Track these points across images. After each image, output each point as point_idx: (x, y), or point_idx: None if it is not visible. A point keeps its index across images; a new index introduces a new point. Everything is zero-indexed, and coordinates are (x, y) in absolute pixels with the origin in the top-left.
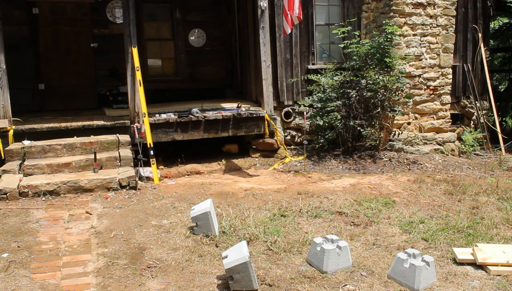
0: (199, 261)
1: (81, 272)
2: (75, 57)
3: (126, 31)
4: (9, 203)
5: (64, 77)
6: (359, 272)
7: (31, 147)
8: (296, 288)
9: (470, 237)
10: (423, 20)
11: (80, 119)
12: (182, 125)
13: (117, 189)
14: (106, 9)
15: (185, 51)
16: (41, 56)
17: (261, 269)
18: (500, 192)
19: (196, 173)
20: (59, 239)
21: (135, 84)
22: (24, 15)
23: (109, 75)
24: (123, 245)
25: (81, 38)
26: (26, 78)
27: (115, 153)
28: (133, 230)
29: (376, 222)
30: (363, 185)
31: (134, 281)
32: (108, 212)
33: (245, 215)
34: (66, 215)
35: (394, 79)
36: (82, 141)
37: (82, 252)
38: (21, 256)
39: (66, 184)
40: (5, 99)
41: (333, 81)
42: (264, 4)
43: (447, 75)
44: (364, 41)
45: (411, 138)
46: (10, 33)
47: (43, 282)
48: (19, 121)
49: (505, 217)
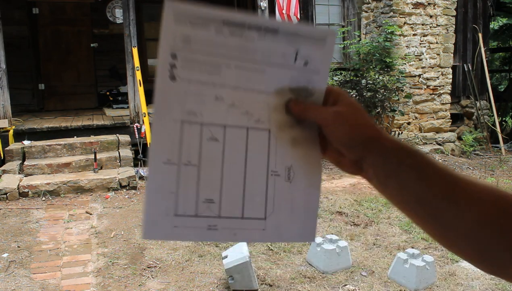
0: (199, 261)
1: (81, 272)
2: (75, 57)
3: (126, 31)
4: (9, 203)
5: (64, 77)
6: (359, 272)
7: (31, 147)
8: (296, 288)
9: None
10: (423, 20)
11: (80, 119)
12: None
13: (117, 189)
14: (106, 9)
15: None
16: (41, 56)
17: (261, 269)
18: None
19: None
20: (59, 239)
21: (135, 84)
22: (24, 15)
23: (109, 75)
24: (123, 245)
25: (81, 38)
26: (26, 78)
27: (115, 153)
28: (133, 230)
29: (376, 222)
30: (363, 185)
31: (134, 281)
32: (108, 212)
33: None
34: (66, 215)
35: (394, 79)
36: (82, 141)
37: (82, 252)
38: (21, 256)
39: (66, 184)
40: (5, 99)
41: (333, 81)
42: (264, 4)
43: (447, 75)
44: (364, 41)
45: (411, 138)
46: (10, 33)
47: (43, 282)
48: (19, 121)
49: None
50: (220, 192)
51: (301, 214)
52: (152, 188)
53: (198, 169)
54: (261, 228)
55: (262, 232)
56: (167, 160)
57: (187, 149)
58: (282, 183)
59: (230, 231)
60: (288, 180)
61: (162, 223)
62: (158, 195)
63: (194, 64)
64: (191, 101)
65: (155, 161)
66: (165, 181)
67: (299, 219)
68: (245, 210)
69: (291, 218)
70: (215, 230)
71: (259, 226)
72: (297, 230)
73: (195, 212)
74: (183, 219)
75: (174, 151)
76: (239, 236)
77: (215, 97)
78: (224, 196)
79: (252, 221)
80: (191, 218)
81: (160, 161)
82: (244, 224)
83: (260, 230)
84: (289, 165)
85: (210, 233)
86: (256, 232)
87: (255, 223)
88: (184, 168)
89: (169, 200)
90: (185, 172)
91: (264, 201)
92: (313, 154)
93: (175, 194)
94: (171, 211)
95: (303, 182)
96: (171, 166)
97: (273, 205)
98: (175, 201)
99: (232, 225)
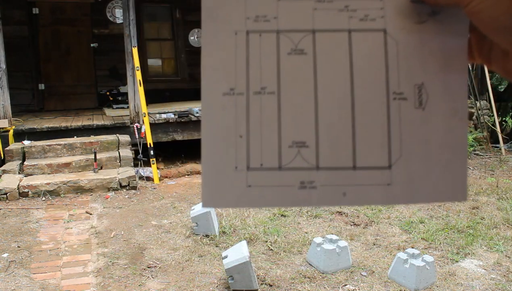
0: (199, 261)
1: (81, 272)
2: (75, 57)
3: (126, 31)
4: (9, 203)
5: (64, 77)
6: (359, 272)
7: (31, 147)
8: (296, 288)
9: (470, 237)
10: None
11: (80, 119)
12: (182, 125)
13: (117, 189)
14: (106, 9)
15: (185, 51)
16: (41, 56)
17: (261, 269)
18: (500, 192)
19: (196, 173)
20: (59, 239)
21: (135, 84)
22: (24, 15)
23: (109, 75)
24: (123, 245)
25: (81, 38)
26: (26, 78)
27: (115, 153)
28: (133, 230)
29: (376, 222)
30: None
31: (134, 281)
32: (108, 212)
33: (245, 214)
34: (66, 215)
35: None
36: (82, 141)
37: (82, 252)
38: (21, 256)
39: (66, 184)
40: (5, 99)
41: None
42: None
43: None
44: None
45: None
46: (10, 33)
47: (43, 282)
48: (19, 121)
49: (505, 217)
50: (315, 130)
51: (443, 158)
52: (211, 132)
53: (278, 97)
54: (385, 183)
55: (386, 188)
56: (229, 89)
57: (258, 71)
58: (411, 111)
59: (336, 189)
60: (420, 106)
61: (229, 182)
62: (220, 142)
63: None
64: (258, 0)
65: (211, 93)
66: (229, 119)
67: (440, 165)
68: (358, 155)
69: (428, 164)
70: (313, 188)
71: (381, 179)
72: (439, 183)
73: (279, 162)
74: (260, 174)
75: (239, 75)
76: (352, 197)
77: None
78: (322, 135)
79: (369, 172)
80: (273, 172)
81: (218, 92)
82: (357, 177)
83: (383, 185)
84: (419, 82)
85: (305, 194)
86: (377, 189)
87: (374, 174)
88: (256, 98)
89: (237, 147)
90: (259, 103)
91: (386, 140)
92: (456, 64)
93: (246, 138)
94: (242, 164)
95: (442, 108)
96: (237, 97)
97: (399, 145)
98: (246, 149)
99: (339, 180)
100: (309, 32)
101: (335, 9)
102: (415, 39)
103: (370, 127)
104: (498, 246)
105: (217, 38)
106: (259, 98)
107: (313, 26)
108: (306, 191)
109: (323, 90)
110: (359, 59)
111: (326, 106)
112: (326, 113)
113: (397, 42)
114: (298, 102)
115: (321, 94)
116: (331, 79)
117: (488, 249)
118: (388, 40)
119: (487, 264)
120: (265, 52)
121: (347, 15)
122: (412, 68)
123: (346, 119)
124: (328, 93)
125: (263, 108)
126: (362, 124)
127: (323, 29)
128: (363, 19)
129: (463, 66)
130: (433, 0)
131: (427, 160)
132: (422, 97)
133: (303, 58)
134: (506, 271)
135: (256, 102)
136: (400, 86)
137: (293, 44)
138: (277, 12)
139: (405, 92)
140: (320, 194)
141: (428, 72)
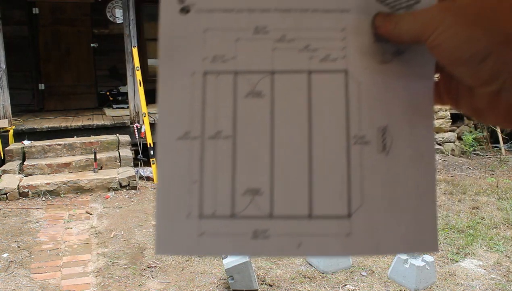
0: (199, 261)
1: (81, 272)
2: (75, 57)
3: (126, 31)
4: (9, 203)
5: (64, 77)
6: (359, 272)
7: (31, 147)
8: (296, 288)
9: (470, 237)
10: None
11: (80, 119)
12: None
13: (117, 189)
14: (106, 9)
15: None
16: (41, 56)
17: (261, 269)
18: (500, 192)
19: None
20: (59, 239)
21: (135, 84)
22: (24, 15)
23: (109, 75)
24: (123, 245)
25: (81, 38)
26: (26, 78)
27: (115, 153)
28: (133, 230)
29: None
30: None
31: (134, 281)
32: (108, 212)
33: None
34: (66, 215)
35: None
36: (82, 141)
37: (82, 252)
38: (21, 256)
39: (66, 184)
40: (5, 99)
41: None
42: None
43: None
44: None
45: None
46: (10, 33)
47: (43, 282)
48: (19, 121)
49: (505, 217)
50: (270, 177)
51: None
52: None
53: (234, 142)
54: (344, 232)
55: (345, 238)
56: (184, 133)
57: (214, 114)
58: (374, 156)
59: (290, 239)
60: (383, 151)
61: (181, 229)
62: (174, 188)
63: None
64: (216, 40)
65: (165, 138)
66: (183, 165)
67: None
68: (314, 203)
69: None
70: (266, 238)
71: (339, 228)
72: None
73: (232, 210)
74: (213, 222)
75: (194, 118)
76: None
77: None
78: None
79: (326, 221)
80: (225, 220)
81: (173, 136)
82: (313, 226)
83: (342, 235)
84: (383, 125)
85: (258, 244)
86: (335, 239)
87: (332, 224)
88: (211, 143)
89: (190, 194)
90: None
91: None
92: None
93: (199, 185)
94: (195, 211)
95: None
96: (191, 141)
97: (360, 192)
98: (199, 195)
99: (294, 229)
100: (268, 74)
101: (295, 48)
102: (378, 80)
103: (328, 173)
104: (498, 246)
105: (174, 79)
106: (214, 143)
107: (272, 67)
108: (259, 240)
109: (280, 135)
110: (318, 101)
111: (282, 151)
112: (282, 159)
113: (359, 83)
114: (253, 147)
115: (277, 139)
116: (288, 123)
117: (488, 249)
118: (349, 81)
119: (487, 264)
120: (221, 95)
121: (308, 55)
122: (375, 110)
123: (303, 165)
124: (284, 138)
125: (218, 154)
126: (320, 170)
127: (282, 70)
128: (323, 59)
129: (428, 108)
130: (396, 36)
131: (392, 208)
132: (386, 141)
133: (261, 101)
134: (506, 271)
135: (211, 147)
136: (362, 130)
137: (251, 86)
138: (236, 52)
139: (368, 135)
140: (273, 244)
141: (393, 114)
